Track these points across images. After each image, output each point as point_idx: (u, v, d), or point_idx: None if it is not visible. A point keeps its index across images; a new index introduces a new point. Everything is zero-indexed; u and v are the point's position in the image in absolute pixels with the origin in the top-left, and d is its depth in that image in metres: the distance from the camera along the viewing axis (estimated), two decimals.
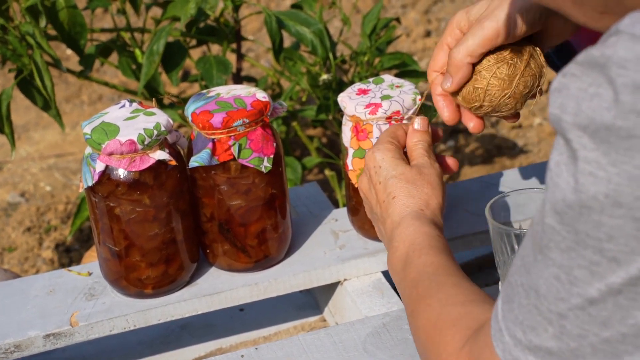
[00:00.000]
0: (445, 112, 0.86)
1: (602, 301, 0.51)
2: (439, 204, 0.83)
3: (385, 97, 0.94)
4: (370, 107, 0.94)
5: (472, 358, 0.61)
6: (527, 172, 1.10)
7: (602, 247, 0.50)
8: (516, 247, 0.85)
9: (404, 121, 0.94)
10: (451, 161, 0.90)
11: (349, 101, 0.95)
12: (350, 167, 0.96)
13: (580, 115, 0.50)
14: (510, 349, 0.56)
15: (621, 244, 0.50)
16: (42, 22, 1.19)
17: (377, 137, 0.94)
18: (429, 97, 0.92)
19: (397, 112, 0.93)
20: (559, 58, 0.89)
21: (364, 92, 0.96)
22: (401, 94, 0.95)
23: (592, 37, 0.84)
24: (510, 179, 1.08)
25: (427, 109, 0.97)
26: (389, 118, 0.93)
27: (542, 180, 1.07)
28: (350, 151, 0.96)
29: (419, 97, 0.94)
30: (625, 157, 0.49)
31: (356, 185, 0.95)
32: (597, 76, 0.50)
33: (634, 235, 0.49)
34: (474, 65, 0.82)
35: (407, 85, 0.96)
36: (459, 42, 0.81)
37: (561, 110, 0.52)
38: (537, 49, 0.83)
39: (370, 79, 0.99)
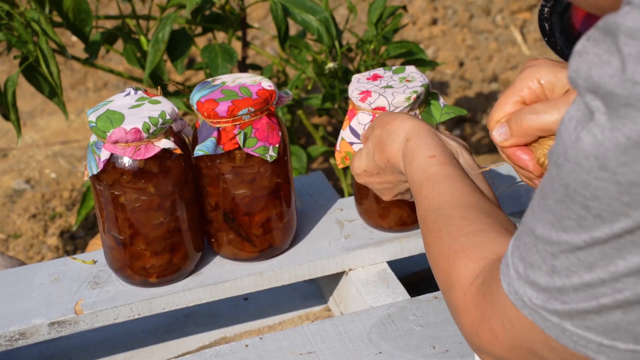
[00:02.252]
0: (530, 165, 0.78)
1: (588, 248, 0.55)
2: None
3: (385, 88, 0.93)
4: (362, 94, 0.93)
5: (482, 289, 0.65)
6: None
7: (587, 204, 0.54)
8: None
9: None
10: None
11: (354, 83, 0.95)
12: (337, 149, 0.96)
13: (589, 80, 0.53)
14: (513, 281, 0.60)
15: (604, 205, 0.53)
16: (47, 9, 1.18)
17: (353, 126, 0.93)
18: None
19: (383, 108, 0.92)
20: (568, 49, 0.89)
21: (375, 78, 0.96)
22: (401, 89, 0.93)
23: None
24: None
25: (434, 99, 0.96)
26: (374, 110, 0.92)
27: None
28: (341, 132, 0.95)
29: (414, 95, 0.92)
30: (619, 124, 0.51)
31: (339, 166, 0.96)
32: (610, 43, 0.52)
33: (617, 197, 0.52)
34: None
35: (416, 82, 0.94)
36: (540, 107, 0.72)
37: (576, 74, 0.54)
38: None
39: (394, 67, 0.98)
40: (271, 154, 0.92)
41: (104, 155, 0.88)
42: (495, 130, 0.75)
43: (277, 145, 0.93)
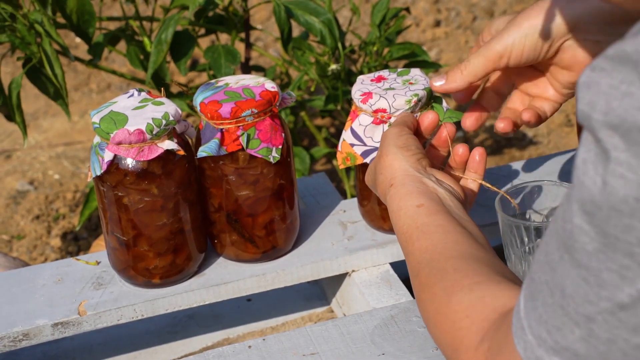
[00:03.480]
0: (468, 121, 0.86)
1: (632, 306, 0.49)
2: (393, 145, 0.81)
3: (387, 90, 0.93)
4: (364, 96, 0.93)
5: (490, 356, 0.60)
6: (536, 164, 1.09)
7: (632, 251, 0.49)
8: (526, 239, 0.84)
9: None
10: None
11: (358, 84, 0.95)
12: (339, 149, 0.96)
13: (610, 114, 0.49)
14: (533, 348, 0.55)
15: None
16: (51, 10, 1.19)
17: (354, 127, 0.93)
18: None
19: (384, 110, 0.92)
20: None
21: (379, 79, 0.96)
22: (402, 92, 0.93)
23: None
24: (520, 170, 1.08)
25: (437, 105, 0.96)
26: (374, 112, 0.92)
27: (552, 172, 1.07)
28: (343, 133, 0.95)
29: (415, 98, 0.92)
30: None
31: (340, 167, 0.96)
32: (629, 73, 0.48)
33: None
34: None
35: (418, 84, 0.94)
36: (473, 54, 0.82)
37: (590, 107, 0.50)
38: None
39: (399, 69, 0.98)
40: (274, 156, 0.92)
41: (108, 156, 0.88)
42: (434, 79, 0.84)
43: (280, 147, 0.93)
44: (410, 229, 0.75)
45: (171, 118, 0.90)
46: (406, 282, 1.01)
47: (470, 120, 0.87)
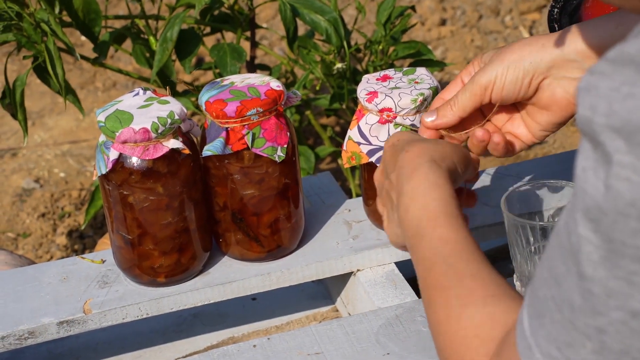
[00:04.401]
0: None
1: None
2: (460, 159, 0.77)
3: (393, 89, 0.93)
4: (370, 95, 0.93)
5: None
6: (542, 164, 1.09)
7: None
8: (531, 239, 0.84)
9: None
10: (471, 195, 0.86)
11: (364, 83, 0.95)
12: (344, 148, 0.96)
13: (612, 116, 0.48)
14: None
15: None
16: (57, 9, 1.19)
17: (361, 126, 0.93)
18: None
19: (389, 109, 0.91)
20: None
21: (385, 78, 0.95)
22: (408, 91, 0.92)
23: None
24: (526, 170, 1.07)
25: None
26: (380, 112, 0.92)
27: (557, 172, 1.06)
28: (349, 132, 0.95)
29: (420, 98, 0.92)
30: None
31: (345, 166, 0.95)
32: (631, 74, 0.48)
33: None
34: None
35: (424, 84, 0.93)
36: (460, 89, 0.84)
37: (592, 111, 0.49)
38: None
39: (405, 68, 0.98)
40: (279, 155, 0.92)
41: (113, 155, 0.88)
42: (425, 115, 0.85)
43: (285, 146, 0.93)
44: (437, 210, 0.71)
45: (176, 117, 0.90)
46: (411, 281, 1.01)
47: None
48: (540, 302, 0.54)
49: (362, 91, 0.94)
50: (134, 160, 0.89)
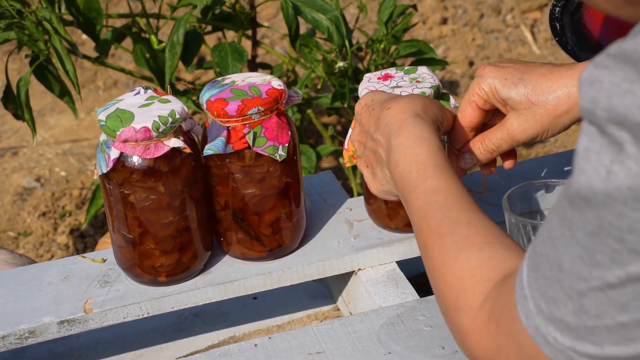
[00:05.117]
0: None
1: (621, 287, 0.52)
2: (439, 109, 0.80)
3: (394, 88, 0.93)
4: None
5: (493, 317, 0.61)
6: (544, 163, 1.09)
7: (623, 237, 0.51)
8: (533, 238, 0.84)
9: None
10: (509, 163, 0.88)
11: (365, 82, 0.95)
12: (345, 147, 0.95)
13: (612, 111, 0.50)
14: (533, 316, 0.57)
15: None
16: (58, 7, 1.19)
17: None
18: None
19: None
20: (579, 49, 0.88)
21: (386, 77, 0.95)
22: (409, 90, 0.92)
23: (618, 30, 0.83)
24: (527, 169, 1.07)
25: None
26: None
27: (559, 171, 1.06)
28: (350, 131, 0.95)
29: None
30: None
31: (347, 164, 0.95)
32: (630, 71, 0.50)
33: None
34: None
35: (425, 82, 0.93)
36: (493, 131, 0.85)
37: (593, 104, 0.51)
38: None
39: (406, 67, 0.97)
40: (280, 154, 0.92)
41: (114, 154, 0.88)
42: (463, 162, 0.86)
43: (286, 145, 0.93)
44: (428, 162, 0.73)
45: (177, 116, 0.89)
46: (412, 280, 1.01)
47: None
48: (538, 257, 0.58)
49: (363, 90, 0.94)
50: (135, 159, 0.89)
